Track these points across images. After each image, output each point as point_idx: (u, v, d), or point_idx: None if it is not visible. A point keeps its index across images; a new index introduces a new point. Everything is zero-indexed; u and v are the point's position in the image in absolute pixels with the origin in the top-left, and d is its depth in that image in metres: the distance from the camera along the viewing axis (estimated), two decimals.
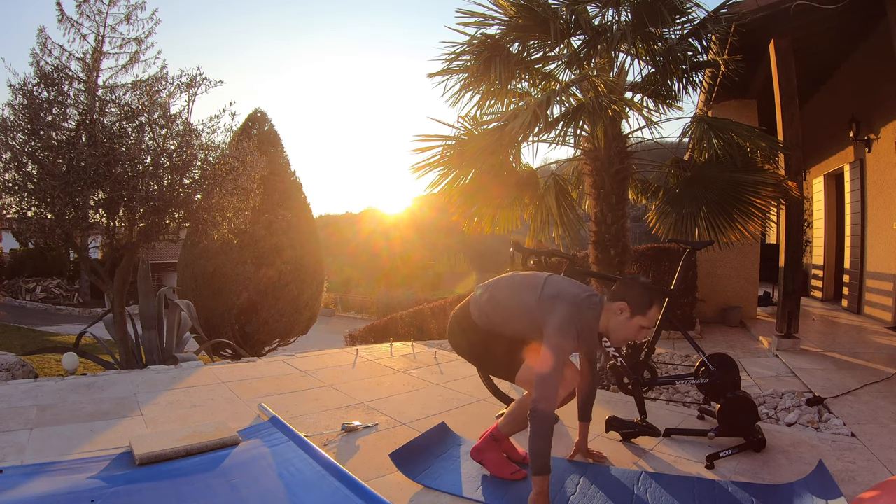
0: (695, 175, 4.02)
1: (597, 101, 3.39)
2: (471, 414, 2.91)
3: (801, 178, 4.56)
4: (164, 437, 2.30)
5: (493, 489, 1.99)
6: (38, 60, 12.63)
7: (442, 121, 5.28)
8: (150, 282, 4.95)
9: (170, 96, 4.36)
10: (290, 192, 8.55)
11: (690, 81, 4.08)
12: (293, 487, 1.93)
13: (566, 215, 4.45)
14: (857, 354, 4.26)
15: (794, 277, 4.64)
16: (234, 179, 4.46)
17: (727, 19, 3.83)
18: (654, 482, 2.05)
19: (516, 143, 3.86)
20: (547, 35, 3.77)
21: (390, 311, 16.21)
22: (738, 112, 6.45)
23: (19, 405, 2.80)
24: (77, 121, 4.02)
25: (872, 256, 6.14)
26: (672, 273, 3.02)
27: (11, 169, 3.85)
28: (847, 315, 6.50)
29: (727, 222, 3.88)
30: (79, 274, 18.10)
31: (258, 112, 8.79)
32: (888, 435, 2.51)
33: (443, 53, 4.13)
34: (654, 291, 1.96)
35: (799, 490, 1.92)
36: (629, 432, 2.49)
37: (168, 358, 4.70)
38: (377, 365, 4.16)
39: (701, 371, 2.66)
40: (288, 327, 8.39)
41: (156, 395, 3.14)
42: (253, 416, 2.77)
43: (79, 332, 5.15)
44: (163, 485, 1.93)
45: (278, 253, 8.02)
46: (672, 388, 3.51)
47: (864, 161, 6.34)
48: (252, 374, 3.73)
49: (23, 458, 2.14)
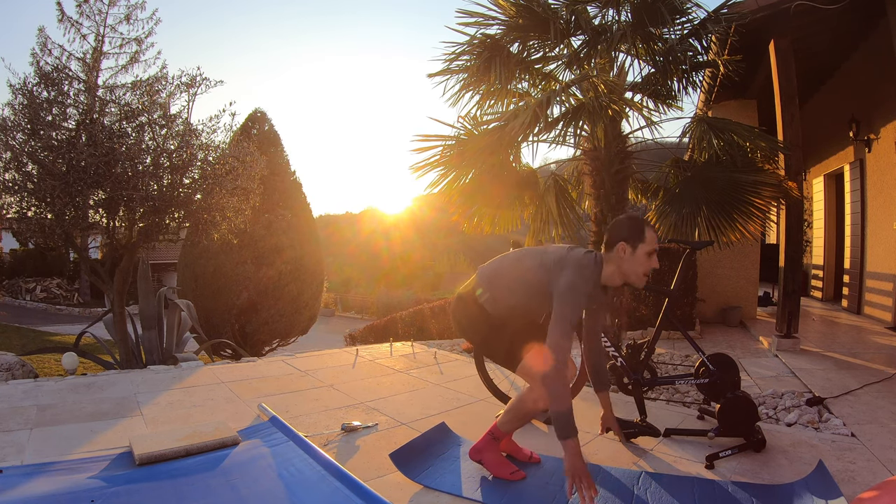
0: (695, 175, 4.02)
1: (597, 101, 3.40)
2: (471, 414, 2.91)
3: (801, 179, 4.56)
4: (164, 437, 2.30)
5: (493, 489, 1.99)
6: (38, 60, 12.64)
7: (442, 121, 5.29)
8: (150, 282, 4.95)
9: (170, 96, 4.37)
10: (290, 192, 8.55)
11: (690, 81, 4.08)
12: (293, 487, 1.93)
13: (566, 215, 4.45)
14: (857, 354, 4.26)
15: (794, 277, 4.64)
16: (234, 179, 4.46)
17: (727, 19, 3.82)
18: (654, 482, 2.05)
19: (516, 143, 3.86)
20: (547, 35, 3.77)
21: (390, 311, 16.20)
22: (738, 112, 6.45)
23: (19, 405, 2.80)
24: (77, 121, 4.02)
25: (872, 256, 6.14)
26: (672, 273, 3.02)
27: (11, 169, 3.85)
28: (847, 315, 6.50)
29: (727, 222, 3.88)
30: (79, 274, 18.11)
31: (258, 112, 8.79)
32: (888, 435, 2.51)
33: (443, 53, 4.13)
34: (639, 218, 2.01)
35: (799, 490, 1.92)
36: (629, 432, 2.48)
37: (168, 358, 4.70)
38: (377, 365, 4.16)
39: (701, 371, 2.66)
40: (288, 327, 8.39)
41: (156, 395, 3.14)
42: (253, 416, 2.77)
43: (79, 332, 5.14)
44: (163, 485, 1.93)
45: (278, 253, 8.02)
46: (672, 388, 3.51)
47: (864, 161, 6.34)
48: (252, 374, 3.73)
49: (23, 458, 2.14)
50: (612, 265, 1.99)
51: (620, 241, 1.96)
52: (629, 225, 1.98)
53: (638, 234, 1.95)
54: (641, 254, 1.95)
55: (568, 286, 1.88)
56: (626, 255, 1.95)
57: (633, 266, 1.97)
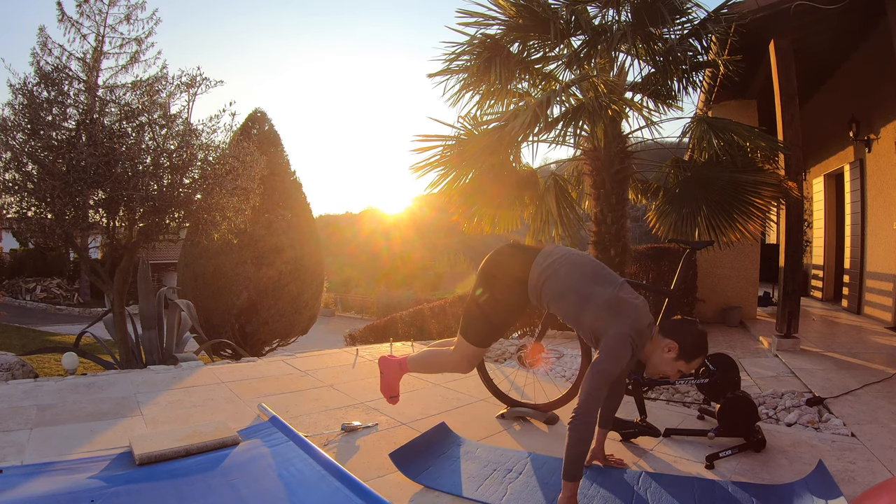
0: (695, 175, 4.03)
1: (597, 101, 3.40)
2: (471, 414, 2.91)
3: (801, 178, 4.56)
4: (164, 437, 2.30)
5: (494, 489, 1.99)
6: (38, 60, 12.66)
7: (442, 121, 5.30)
8: (150, 282, 4.95)
9: (170, 96, 4.37)
10: (290, 192, 8.55)
11: (690, 81, 4.08)
12: (293, 487, 1.93)
13: (566, 215, 4.45)
14: (857, 354, 4.26)
15: (794, 277, 4.64)
16: (234, 179, 4.46)
17: (727, 19, 3.83)
18: (654, 482, 2.05)
19: (516, 143, 3.86)
20: (547, 35, 3.77)
21: (390, 311, 16.18)
22: (738, 112, 6.44)
23: (19, 405, 2.80)
24: (77, 121, 4.02)
25: (872, 256, 6.14)
26: (672, 273, 3.02)
27: (11, 169, 3.85)
28: (847, 315, 6.50)
29: (727, 222, 3.88)
30: (79, 274, 18.12)
31: (258, 112, 8.79)
32: (888, 435, 2.51)
33: (443, 53, 4.14)
34: (706, 344, 1.95)
35: (799, 490, 1.92)
36: (629, 432, 2.48)
37: (168, 358, 4.70)
38: (377, 365, 4.16)
39: (701, 371, 2.66)
40: (288, 327, 8.39)
41: (156, 395, 3.13)
42: (253, 415, 2.77)
43: (79, 332, 5.14)
44: (163, 485, 1.93)
45: (278, 253, 8.02)
46: (672, 388, 3.51)
47: (864, 161, 6.34)
48: (252, 373, 3.73)
49: (23, 458, 2.14)
50: (650, 346, 1.95)
51: (675, 343, 1.91)
52: (695, 342, 1.92)
53: (693, 354, 1.92)
54: (677, 366, 1.93)
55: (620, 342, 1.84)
56: (668, 354, 1.92)
57: (663, 365, 1.94)
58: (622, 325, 1.87)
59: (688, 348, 1.91)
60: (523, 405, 2.86)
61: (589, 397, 1.79)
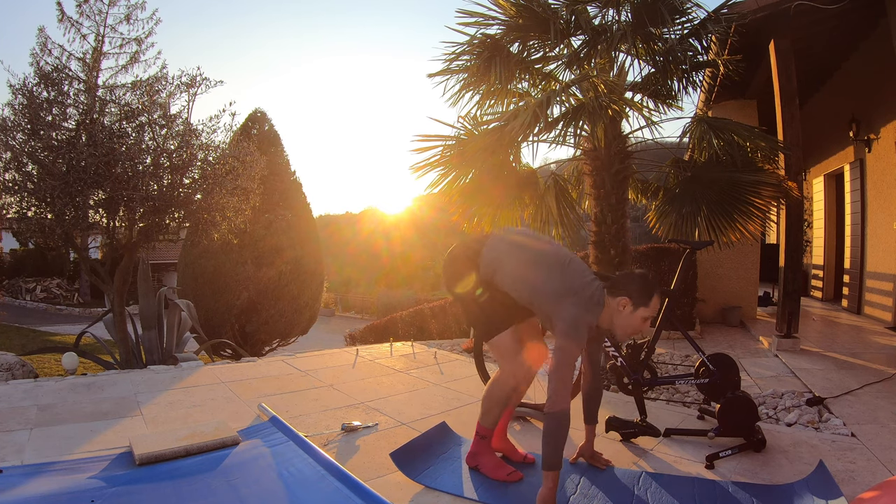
0: (695, 175, 4.03)
1: (597, 101, 3.39)
2: (471, 414, 2.91)
3: (801, 178, 4.56)
4: (164, 437, 2.30)
5: (494, 489, 1.99)
6: (38, 60, 12.63)
7: (442, 121, 5.30)
8: (150, 282, 4.95)
9: (170, 96, 4.36)
10: (290, 192, 8.55)
11: (690, 81, 4.08)
12: (293, 487, 1.93)
13: (566, 215, 4.45)
14: (857, 354, 4.26)
15: (794, 277, 4.64)
16: (234, 179, 4.46)
17: (727, 19, 3.83)
18: (654, 482, 2.05)
19: (516, 143, 3.86)
20: (547, 35, 3.77)
21: (390, 311, 16.19)
22: (738, 112, 6.45)
23: (19, 405, 2.80)
24: (77, 121, 4.02)
25: (872, 256, 6.14)
26: (672, 273, 3.02)
27: (11, 169, 3.85)
28: (847, 315, 6.50)
29: (727, 222, 3.88)
30: (79, 274, 18.12)
31: (258, 112, 8.79)
32: (888, 435, 2.51)
33: (443, 53, 4.13)
34: (652, 282, 1.96)
35: (799, 490, 1.92)
36: (629, 432, 2.49)
37: (168, 358, 4.70)
38: (377, 365, 4.16)
39: (701, 371, 2.66)
40: (288, 327, 8.39)
41: (156, 394, 3.13)
42: (253, 415, 2.77)
43: (79, 332, 5.14)
44: (163, 485, 1.93)
45: (278, 253, 8.01)
46: (672, 388, 3.51)
47: (864, 161, 6.34)
48: (252, 373, 3.73)
49: (23, 457, 2.14)
50: (608, 311, 1.95)
51: (624, 297, 1.91)
52: (640, 285, 1.92)
53: (644, 298, 1.91)
54: (639, 315, 1.91)
55: (572, 323, 1.86)
56: (625, 311, 1.92)
57: (627, 323, 1.93)
58: (571, 306, 1.89)
59: (638, 294, 1.91)
60: (524, 405, 2.86)
61: (553, 377, 1.81)
